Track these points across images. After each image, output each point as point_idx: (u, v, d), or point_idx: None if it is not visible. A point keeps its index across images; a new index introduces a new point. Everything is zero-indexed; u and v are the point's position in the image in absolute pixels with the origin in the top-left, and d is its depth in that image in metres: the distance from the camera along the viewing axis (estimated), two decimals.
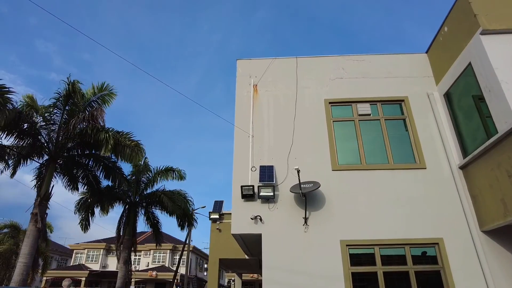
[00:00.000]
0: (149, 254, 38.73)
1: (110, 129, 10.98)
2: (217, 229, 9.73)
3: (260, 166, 6.88)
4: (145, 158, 15.51)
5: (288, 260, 6.06)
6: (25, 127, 10.66)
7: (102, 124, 10.65)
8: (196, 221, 17.35)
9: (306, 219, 6.31)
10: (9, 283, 22.06)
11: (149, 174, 16.47)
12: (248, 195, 6.51)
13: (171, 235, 41.91)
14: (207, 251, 47.12)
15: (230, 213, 10.17)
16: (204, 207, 33.32)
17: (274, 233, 6.30)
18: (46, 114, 11.43)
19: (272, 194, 6.41)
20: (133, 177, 15.91)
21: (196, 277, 40.99)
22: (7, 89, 7.80)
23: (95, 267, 37.37)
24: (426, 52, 8.08)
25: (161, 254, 38.56)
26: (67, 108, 11.44)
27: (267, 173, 6.70)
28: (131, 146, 11.76)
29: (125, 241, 15.51)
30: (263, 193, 6.43)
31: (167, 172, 16.90)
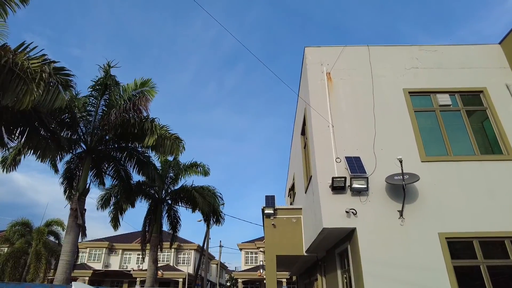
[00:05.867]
0: None
1: (156, 118, 10.46)
2: (272, 224, 9.39)
3: (346, 157, 6.58)
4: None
5: (387, 253, 5.79)
6: (64, 117, 10.07)
7: (146, 114, 10.15)
8: (223, 218, 16.86)
9: (402, 212, 6.04)
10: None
11: (176, 170, 15.90)
12: (339, 187, 6.21)
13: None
14: (209, 250, 46.54)
15: (284, 208, 9.88)
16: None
17: (369, 226, 6.02)
18: (83, 105, 10.85)
19: (365, 186, 6.13)
20: (161, 173, 15.29)
21: (201, 277, 40.37)
22: (68, 72, 7.27)
23: (97, 266, 36.40)
24: (500, 43, 7.93)
25: (166, 253, 37.79)
26: (105, 97, 10.89)
27: (356, 165, 6.40)
28: (171, 138, 11.30)
29: (153, 238, 14.95)
30: (356, 185, 6.14)
31: (192, 167, 16.41)
